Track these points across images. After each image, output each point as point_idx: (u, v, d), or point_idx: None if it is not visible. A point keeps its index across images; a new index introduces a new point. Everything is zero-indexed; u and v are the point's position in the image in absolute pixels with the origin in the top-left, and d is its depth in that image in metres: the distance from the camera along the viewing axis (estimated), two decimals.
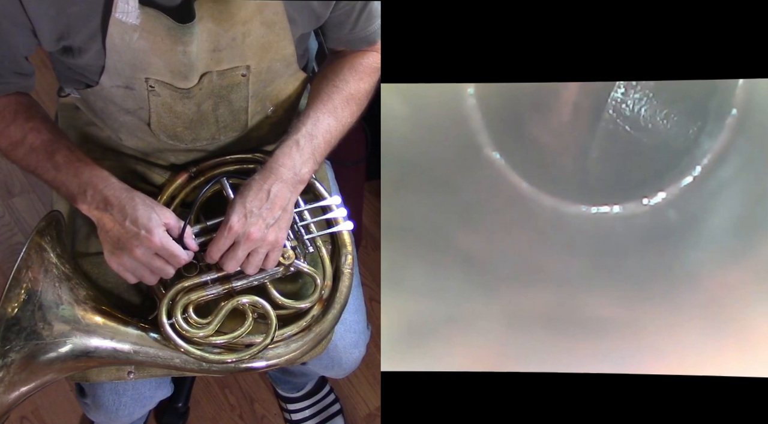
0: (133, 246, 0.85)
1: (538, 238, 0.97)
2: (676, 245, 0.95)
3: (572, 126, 0.95)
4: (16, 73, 0.90)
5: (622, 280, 0.95)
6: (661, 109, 0.94)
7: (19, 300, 0.81)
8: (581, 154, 0.96)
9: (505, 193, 0.96)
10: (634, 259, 0.96)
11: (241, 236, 0.88)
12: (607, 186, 0.96)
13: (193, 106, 0.93)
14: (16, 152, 0.91)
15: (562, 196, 0.96)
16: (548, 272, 0.96)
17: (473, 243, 0.96)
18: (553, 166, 0.96)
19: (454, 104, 0.94)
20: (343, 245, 1.01)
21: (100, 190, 0.87)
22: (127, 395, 1.02)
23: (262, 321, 0.93)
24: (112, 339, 0.87)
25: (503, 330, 0.95)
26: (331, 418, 1.44)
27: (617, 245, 0.96)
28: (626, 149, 0.95)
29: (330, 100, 0.97)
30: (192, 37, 0.84)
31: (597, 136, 0.94)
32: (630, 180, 0.96)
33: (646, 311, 0.94)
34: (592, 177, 0.96)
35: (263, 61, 0.92)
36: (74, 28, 0.83)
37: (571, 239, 0.96)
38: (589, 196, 0.96)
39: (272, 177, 0.90)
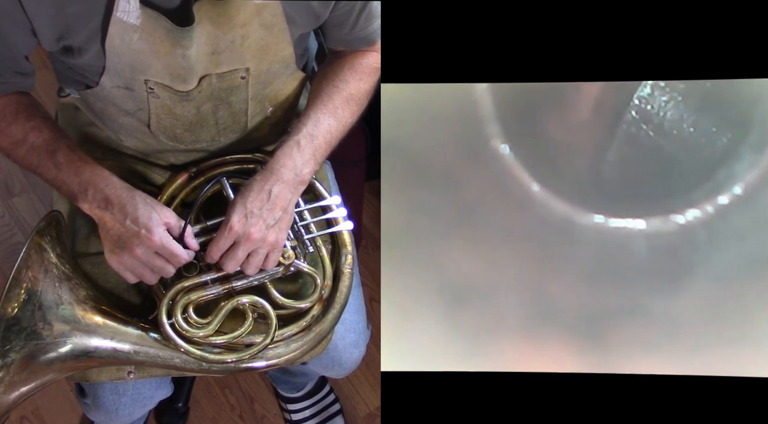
0: (134, 245, 0.85)
1: (546, 253, 0.89)
2: (704, 275, 0.85)
3: (590, 125, 0.87)
4: (17, 73, 0.90)
5: (642, 314, 0.86)
6: (690, 114, 0.84)
7: (19, 300, 0.81)
8: (597, 156, 0.87)
9: (513, 196, 0.90)
10: (652, 285, 0.86)
11: (242, 236, 0.88)
12: (625, 195, 0.86)
13: (193, 109, 0.93)
14: (17, 151, 0.91)
15: (575, 203, 0.87)
16: (555, 291, 0.90)
17: (474, 251, 0.94)
18: (568, 166, 0.88)
19: (455, 104, 0.94)
20: (343, 245, 1.01)
21: (101, 189, 0.87)
22: (127, 395, 1.02)
23: (262, 321, 0.93)
24: (112, 339, 0.87)
25: (503, 330, 0.94)
26: (331, 418, 1.44)
27: (638, 268, 0.86)
28: (647, 156, 0.86)
29: (330, 101, 0.97)
30: (191, 40, 0.84)
31: (616, 139, 0.86)
32: (653, 191, 0.86)
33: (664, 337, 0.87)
34: (609, 183, 0.87)
35: (262, 63, 0.92)
36: (74, 28, 0.83)
37: (583, 255, 0.88)
38: (606, 205, 0.87)
39: (273, 178, 0.90)
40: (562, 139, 0.87)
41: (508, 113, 0.88)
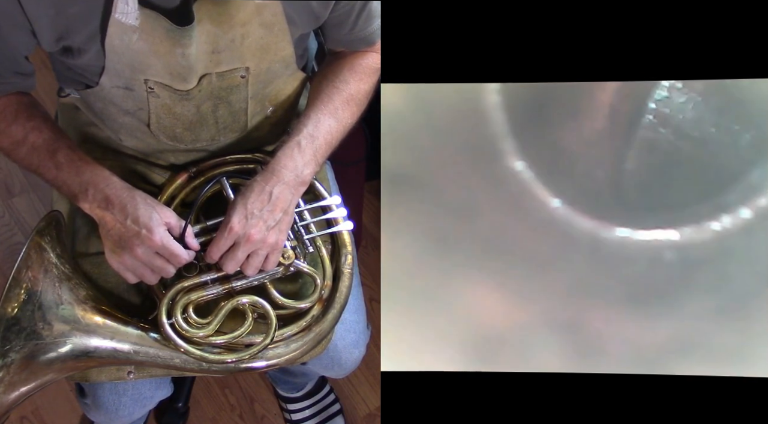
0: (134, 245, 0.85)
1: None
2: (745, 285, 0.79)
3: (607, 132, 0.82)
4: (17, 73, 0.90)
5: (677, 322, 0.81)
6: (711, 114, 0.79)
7: (19, 300, 0.81)
8: (616, 166, 0.82)
9: (515, 196, 0.89)
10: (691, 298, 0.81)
11: (242, 237, 0.88)
12: (651, 205, 0.80)
13: (193, 108, 0.93)
14: (17, 152, 0.91)
15: (598, 216, 0.82)
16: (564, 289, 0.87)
17: (475, 247, 0.93)
18: (585, 178, 0.82)
19: (455, 104, 0.94)
20: (343, 245, 1.01)
21: (102, 189, 0.87)
22: (127, 395, 1.02)
23: (262, 321, 0.93)
24: (112, 339, 0.87)
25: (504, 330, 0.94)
26: (331, 418, 1.44)
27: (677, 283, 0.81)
28: (667, 160, 0.81)
29: (330, 102, 0.97)
30: (191, 39, 0.84)
31: (634, 145, 0.82)
32: (680, 198, 0.81)
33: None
34: (631, 194, 0.82)
35: (262, 63, 0.92)
36: (73, 28, 0.83)
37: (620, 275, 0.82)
38: (629, 217, 0.81)
39: (274, 179, 0.90)
40: (577, 150, 0.83)
41: (519, 125, 0.84)
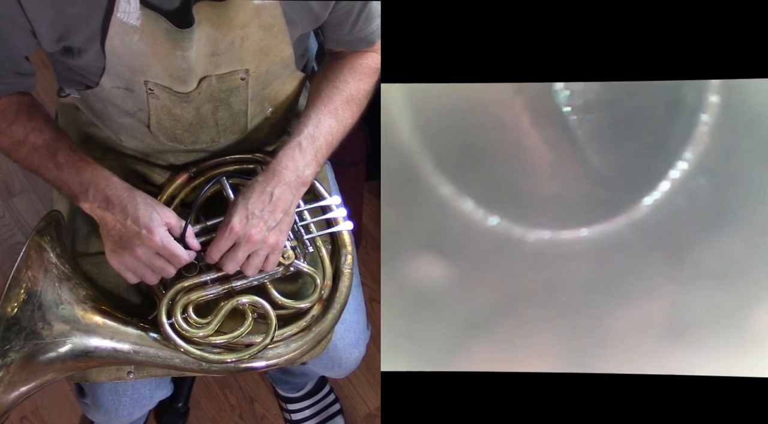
0: (135, 245, 0.85)
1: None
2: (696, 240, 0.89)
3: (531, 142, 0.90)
4: (17, 74, 0.90)
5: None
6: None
7: (18, 300, 0.81)
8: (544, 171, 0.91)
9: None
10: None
11: (242, 237, 0.88)
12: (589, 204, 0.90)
13: (193, 110, 0.93)
14: (18, 152, 0.91)
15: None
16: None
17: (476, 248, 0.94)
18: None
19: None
20: (343, 245, 1.01)
21: (102, 189, 0.87)
22: (126, 395, 1.02)
23: (262, 321, 0.93)
24: (111, 339, 0.87)
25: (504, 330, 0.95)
26: (331, 418, 1.44)
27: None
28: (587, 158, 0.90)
29: (331, 102, 0.97)
30: (191, 42, 0.84)
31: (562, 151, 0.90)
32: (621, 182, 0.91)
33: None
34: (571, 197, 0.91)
35: (262, 64, 0.92)
36: (74, 28, 0.83)
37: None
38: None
39: (275, 179, 0.90)
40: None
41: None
